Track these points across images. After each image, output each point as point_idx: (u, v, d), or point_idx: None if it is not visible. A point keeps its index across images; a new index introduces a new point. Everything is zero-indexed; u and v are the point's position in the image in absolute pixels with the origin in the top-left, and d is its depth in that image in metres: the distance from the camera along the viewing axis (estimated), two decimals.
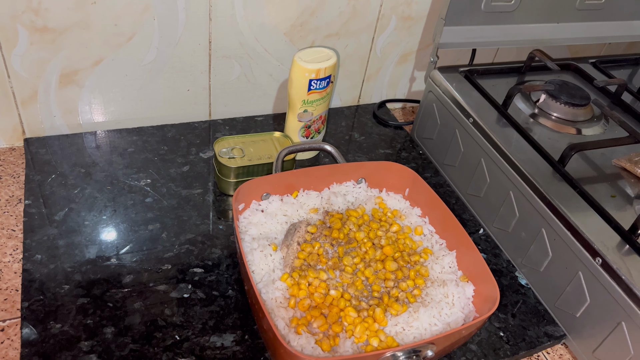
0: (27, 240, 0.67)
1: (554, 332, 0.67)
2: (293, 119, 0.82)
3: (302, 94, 0.78)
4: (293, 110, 0.81)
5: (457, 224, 0.66)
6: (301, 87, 0.77)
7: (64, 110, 0.83)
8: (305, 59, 0.76)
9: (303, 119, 0.81)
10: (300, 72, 0.76)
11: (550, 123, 0.81)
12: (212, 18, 0.81)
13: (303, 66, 0.75)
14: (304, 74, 0.76)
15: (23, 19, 0.71)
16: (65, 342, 0.57)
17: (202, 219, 0.74)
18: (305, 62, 0.76)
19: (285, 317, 0.56)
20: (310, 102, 0.79)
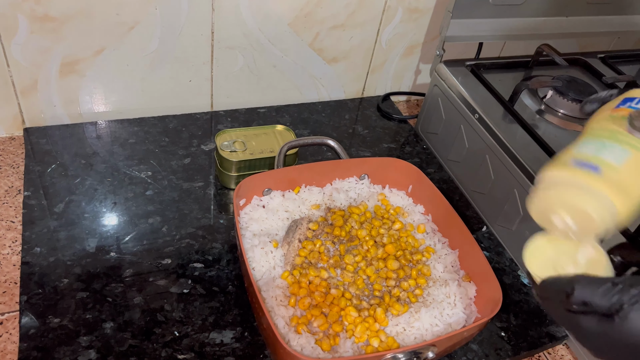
0: (27, 232, 0.66)
1: (556, 332, 0.67)
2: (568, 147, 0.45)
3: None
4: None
5: (461, 222, 0.65)
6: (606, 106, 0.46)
7: (65, 100, 0.82)
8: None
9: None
10: None
11: (557, 120, 0.80)
12: (215, 8, 0.80)
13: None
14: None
15: (23, 7, 0.70)
16: (65, 337, 0.57)
17: (203, 212, 0.73)
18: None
19: (285, 315, 0.55)
20: (608, 120, 0.44)
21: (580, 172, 0.41)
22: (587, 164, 0.41)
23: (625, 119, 0.42)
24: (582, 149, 0.42)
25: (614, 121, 0.43)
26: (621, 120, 0.42)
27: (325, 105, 0.99)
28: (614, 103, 0.45)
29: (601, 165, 0.40)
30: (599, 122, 0.44)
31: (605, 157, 0.41)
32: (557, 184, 0.42)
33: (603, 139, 0.42)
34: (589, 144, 0.42)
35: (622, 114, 0.42)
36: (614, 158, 0.41)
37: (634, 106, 0.43)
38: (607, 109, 0.45)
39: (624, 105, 0.43)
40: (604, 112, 0.45)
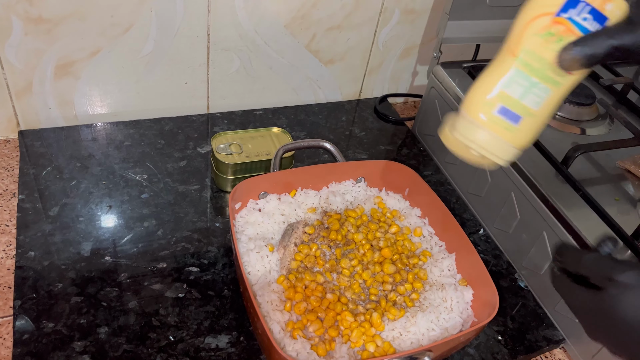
0: (21, 236, 0.66)
1: (553, 336, 0.67)
2: (496, 71, 0.44)
3: (538, 12, 0.41)
4: (502, 54, 0.43)
5: (457, 226, 0.65)
6: (545, 2, 0.41)
7: (60, 102, 0.81)
8: None
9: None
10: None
11: (554, 122, 0.80)
12: (211, 10, 0.80)
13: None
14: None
15: (17, 9, 0.70)
16: (59, 342, 0.56)
17: (198, 215, 0.73)
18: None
19: (280, 320, 0.55)
20: (542, 41, 0.41)
21: (502, 125, 0.43)
22: (510, 112, 0.42)
23: (559, 45, 0.40)
24: (511, 88, 0.42)
25: (549, 44, 0.41)
26: (555, 45, 0.40)
27: (322, 107, 0.98)
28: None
29: (522, 114, 0.42)
30: (535, 40, 0.41)
31: (527, 102, 0.42)
32: (475, 127, 0.43)
33: (532, 75, 0.42)
34: (519, 81, 0.42)
35: (560, 33, 0.40)
36: (536, 102, 0.42)
37: (574, 19, 0.39)
38: (549, 9, 0.40)
39: (566, 14, 0.40)
40: (544, 19, 0.40)
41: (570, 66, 0.40)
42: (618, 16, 0.40)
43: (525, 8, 0.42)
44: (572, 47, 0.39)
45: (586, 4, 0.39)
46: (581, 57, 0.39)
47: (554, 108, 0.43)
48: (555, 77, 0.42)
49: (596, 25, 0.40)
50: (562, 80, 0.42)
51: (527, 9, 0.41)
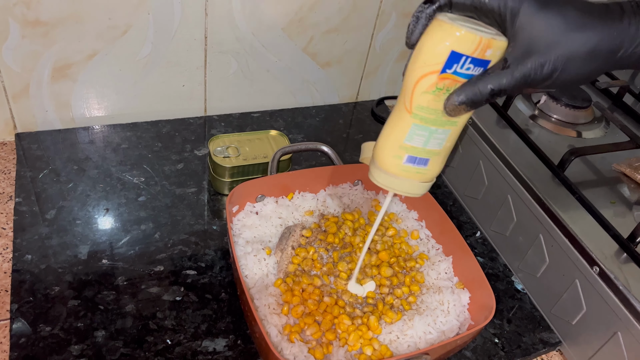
0: (18, 239, 0.66)
1: (550, 338, 0.67)
2: (397, 127, 0.46)
3: (424, 71, 0.42)
4: (399, 110, 0.45)
5: (454, 229, 0.65)
6: (430, 58, 0.42)
7: (57, 104, 0.81)
8: (456, 20, 0.41)
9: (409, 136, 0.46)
10: (439, 32, 0.41)
11: (551, 125, 0.80)
12: (209, 12, 0.80)
13: (448, 24, 0.40)
14: (445, 37, 0.41)
15: (14, 12, 0.70)
16: (56, 346, 0.56)
17: (196, 218, 0.73)
18: (453, 21, 0.41)
19: (278, 324, 0.55)
20: (432, 96, 0.43)
21: (413, 171, 0.47)
22: (418, 159, 0.47)
23: (446, 96, 0.43)
24: (414, 141, 0.46)
25: (439, 97, 0.43)
26: (444, 97, 0.43)
27: (319, 110, 0.99)
28: (441, 57, 0.41)
29: (429, 157, 0.47)
30: (425, 97, 0.43)
31: (432, 147, 0.46)
32: (390, 176, 0.48)
33: (430, 125, 0.45)
34: (419, 133, 0.45)
35: (447, 86, 0.42)
36: (438, 144, 0.46)
37: (459, 72, 0.41)
38: (434, 68, 0.41)
39: (450, 69, 0.41)
40: (431, 77, 0.42)
41: (456, 113, 0.43)
42: (498, 57, 0.41)
43: (411, 68, 0.43)
44: (454, 96, 0.42)
45: (467, 56, 0.41)
46: (462, 104, 0.41)
47: (456, 138, 0.47)
48: (451, 119, 0.45)
49: (479, 70, 0.42)
50: (459, 119, 0.45)
51: (412, 69, 0.43)
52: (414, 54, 0.43)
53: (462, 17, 0.42)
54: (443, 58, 0.41)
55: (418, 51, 0.42)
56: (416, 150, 0.46)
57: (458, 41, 0.40)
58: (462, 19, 0.42)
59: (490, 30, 0.42)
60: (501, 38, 0.41)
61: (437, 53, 0.41)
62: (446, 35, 0.40)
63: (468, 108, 0.42)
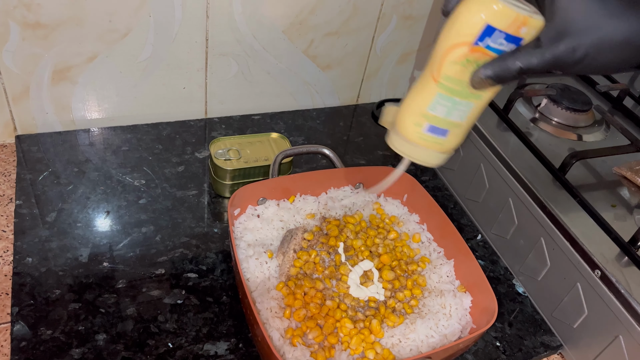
0: (18, 242, 0.65)
1: (551, 342, 0.67)
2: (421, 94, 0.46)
3: (456, 41, 0.42)
4: (425, 77, 0.45)
5: (456, 232, 0.65)
6: (463, 28, 0.41)
7: (57, 106, 0.81)
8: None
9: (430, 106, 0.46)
10: (476, 3, 0.41)
11: (551, 128, 0.80)
12: (210, 15, 0.80)
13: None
14: (481, 9, 0.40)
15: (15, 14, 0.70)
16: (56, 349, 0.56)
17: (196, 221, 0.73)
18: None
19: (280, 327, 0.55)
20: (460, 67, 0.43)
21: (432, 140, 0.47)
22: (438, 129, 0.46)
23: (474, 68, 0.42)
24: (437, 110, 0.45)
25: (467, 69, 0.42)
26: (473, 69, 0.42)
27: (320, 112, 0.99)
28: (475, 29, 0.41)
29: (449, 128, 0.46)
30: (454, 68, 0.43)
31: (453, 118, 0.46)
32: (409, 143, 0.48)
33: (455, 96, 0.44)
34: (443, 103, 0.45)
35: (476, 59, 0.42)
36: (460, 116, 0.46)
37: (491, 46, 0.41)
38: (466, 39, 0.41)
39: (482, 42, 0.41)
40: (462, 48, 0.42)
41: (481, 86, 0.43)
42: (533, 36, 0.41)
43: (443, 36, 0.43)
44: (481, 69, 0.42)
45: (501, 31, 0.41)
46: (488, 78, 0.41)
47: (480, 113, 0.47)
48: (476, 93, 0.44)
49: (511, 47, 0.42)
50: (484, 93, 0.45)
51: (444, 37, 0.43)
52: (448, 22, 0.42)
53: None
54: (477, 30, 0.41)
55: (453, 20, 0.42)
56: (438, 119, 0.46)
57: (494, 15, 0.40)
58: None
59: (528, 8, 0.41)
60: (538, 17, 0.40)
61: (472, 24, 0.41)
62: (483, 7, 0.40)
63: (494, 83, 0.42)
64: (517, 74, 0.40)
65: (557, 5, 0.39)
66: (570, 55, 0.39)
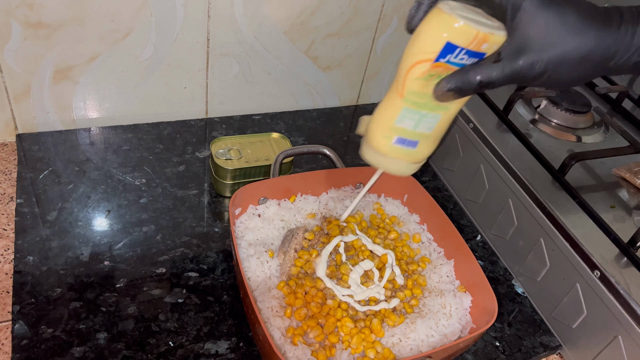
0: (19, 240, 0.65)
1: (550, 342, 0.67)
2: (388, 110, 0.47)
3: (418, 58, 0.42)
4: (391, 93, 0.46)
5: (456, 232, 0.65)
6: (425, 46, 0.42)
7: (58, 106, 0.81)
8: (457, 9, 0.41)
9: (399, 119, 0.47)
10: (437, 22, 0.41)
11: (551, 130, 0.81)
12: (211, 15, 0.80)
13: (447, 14, 0.40)
14: (442, 27, 0.40)
15: (17, 14, 0.70)
16: (57, 348, 0.56)
17: (197, 221, 0.73)
18: (454, 11, 0.40)
19: (281, 326, 0.55)
20: (424, 82, 0.43)
21: (401, 152, 0.48)
22: (407, 141, 0.48)
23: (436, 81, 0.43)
24: (404, 123, 0.46)
25: (430, 82, 0.43)
26: (435, 81, 0.43)
27: (320, 113, 0.99)
28: (436, 47, 0.41)
29: (418, 139, 0.48)
30: (417, 83, 0.43)
31: (421, 130, 0.47)
32: (379, 155, 0.49)
33: (420, 109, 0.45)
34: (410, 116, 0.46)
35: (439, 73, 0.42)
36: (428, 127, 0.47)
37: (452, 61, 0.41)
38: (428, 56, 0.42)
39: (444, 59, 0.41)
40: (424, 65, 0.42)
41: (444, 99, 0.43)
42: (495, 50, 0.41)
43: (406, 54, 0.43)
44: (443, 82, 0.42)
45: (462, 48, 0.41)
46: (450, 90, 0.42)
47: (448, 124, 0.48)
48: (442, 105, 0.45)
49: (473, 60, 0.42)
50: (450, 105, 0.45)
51: (407, 54, 0.43)
52: (411, 40, 0.43)
53: (463, 5, 0.42)
54: (438, 48, 0.41)
55: (414, 38, 0.42)
56: (406, 132, 0.47)
57: (455, 33, 0.40)
58: (463, 8, 0.41)
59: (491, 23, 0.41)
60: (499, 33, 0.40)
61: (433, 42, 0.41)
62: (443, 25, 0.40)
63: (456, 95, 0.42)
64: (478, 86, 0.41)
65: (518, 21, 0.39)
66: (529, 70, 0.39)
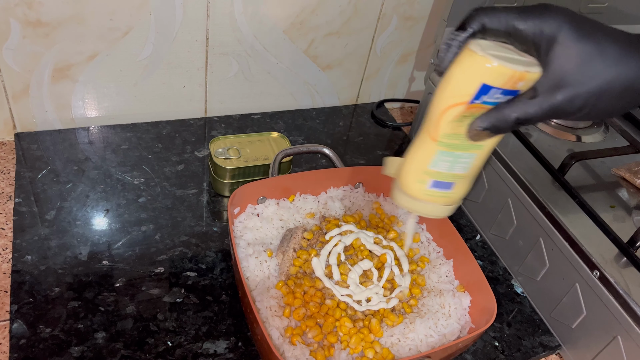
0: (17, 240, 0.65)
1: (549, 342, 0.67)
2: (421, 154, 0.46)
3: (453, 102, 0.41)
4: (424, 137, 0.45)
5: (455, 232, 0.65)
6: (459, 89, 0.40)
7: (57, 105, 0.81)
8: (488, 49, 0.39)
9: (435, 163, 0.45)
10: (470, 64, 0.39)
11: (550, 129, 0.81)
12: (210, 14, 0.80)
13: (480, 56, 0.39)
14: (476, 69, 0.39)
15: (16, 12, 0.70)
16: (56, 347, 0.56)
17: (196, 220, 0.73)
18: (486, 51, 0.39)
19: (279, 326, 0.55)
20: (458, 123, 0.42)
21: (436, 195, 0.47)
22: (442, 183, 0.46)
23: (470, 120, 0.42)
24: (439, 166, 0.45)
25: (464, 122, 0.42)
26: (469, 120, 0.42)
27: (320, 112, 0.99)
28: (471, 89, 0.39)
29: (454, 180, 0.46)
30: (451, 125, 0.42)
31: (457, 171, 0.45)
32: (414, 200, 0.47)
33: (455, 150, 0.44)
34: (444, 159, 0.44)
35: (473, 113, 0.41)
36: (464, 168, 0.45)
37: (487, 101, 0.40)
38: (462, 99, 0.40)
39: (479, 100, 0.40)
40: (459, 108, 0.41)
41: (479, 138, 0.42)
42: (530, 86, 0.40)
43: (438, 97, 0.42)
44: (478, 121, 0.40)
45: (497, 88, 0.39)
46: (486, 130, 0.40)
47: (484, 161, 0.46)
48: (476, 144, 0.43)
49: (508, 99, 0.40)
50: (485, 143, 0.44)
51: (440, 98, 0.42)
52: (443, 82, 0.41)
53: (494, 43, 0.40)
54: (473, 90, 0.39)
55: (447, 81, 0.41)
56: (441, 175, 0.45)
57: (489, 74, 0.38)
58: (495, 46, 0.40)
59: (524, 59, 0.40)
60: (535, 69, 0.39)
61: (467, 85, 0.39)
62: (477, 67, 0.39)
63: (491, 134, 0.41)
64: (515, 124, 0.39)
65: (553, 55, 0.37)
66: (568, 105, 0.37)
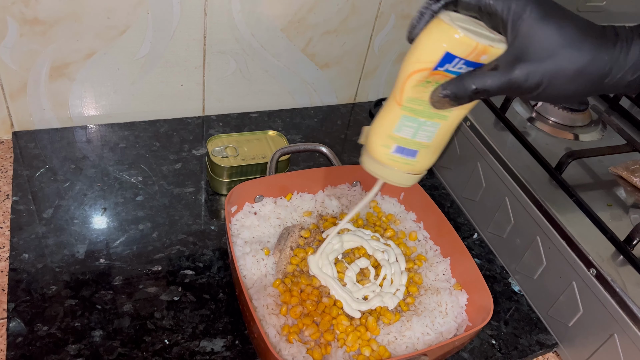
0: (15, 238, 0.65)
1: (546, 340, 0.67)
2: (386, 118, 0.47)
3: (417, 67, 0.42)
4: (390, 102, 0.46)
5: (452, 230, 0.65)
6: (424, 55, 0.42)
7: (54, 103, 0.81)
8: (457, 21, 0.41)
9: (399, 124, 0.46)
10: (437, 32, 0.41)
11: (548, 128, 0.81)
12: (208, 12, 0.80)
13: (447, 25, 0.40)
14: (442, 37, 0.41)
15: (13, 10, 0.69)
16: (52, 345, 0.56)
17: (193, 218, 0.73)
18: (454, 22, 0.41)
19: (276, 324, 0.55)
20: (421, 88, 0.43)
21: (400, 161, 0.48)
22: (406, 150, 0.47)
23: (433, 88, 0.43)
24: (403, 131, 0.46)
25: (427, 89, 0.43)
26: (432, 89, 0.43)
27: (318, 111, 0.99)
28: (435, 56, 0.41)
29: (417, 148, 0.47)
30: (415, 89, 0.43)
31: (420, 139, 0.47)
32: (379, 164, 0.49)
33: (419, 117, 0.45)
34: (408, 124, 0.46)
35: (436, 80, 0.42)
36: (427, 137, 0.47)
37: (450, 70, 0.42)
38: (427, 65, 0.42)
39: (442, 68, 0.41)
40: (423, 73, 0.42)
41: (440, 106, 0.43)
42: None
43: (405, 63, 0.44)
44: (440, 88, 0.42)
45: (460, 58, 0.41)
46: (446, 97, 0.42)
47: (449, 135, 0.48)
48: (440, 113, 0.45)
49: (471, 69, 0.42)
50: (449, 114, 0.45)
51: (406, 63, 0.43)
52: (411, 49, 0.43)
53: (465, 16, 0.42)
54: (437, 57, 0.41)
55: (414, 47, 0.43)
56: (405, 140, 0.47)
57: (454, 43, 0.40)
58: (465, 20, 0.42)
59: (491, 35, 0.41)
60: (500, 45, 0.41)
61: (432, 52, 0.41)
62: (443, 36, 0.41)
63: (452, 102, 0.42)
64: (473, 94, 0.41)
65: (517, 31, 0.39)
66: (524, 80, 0.39)
